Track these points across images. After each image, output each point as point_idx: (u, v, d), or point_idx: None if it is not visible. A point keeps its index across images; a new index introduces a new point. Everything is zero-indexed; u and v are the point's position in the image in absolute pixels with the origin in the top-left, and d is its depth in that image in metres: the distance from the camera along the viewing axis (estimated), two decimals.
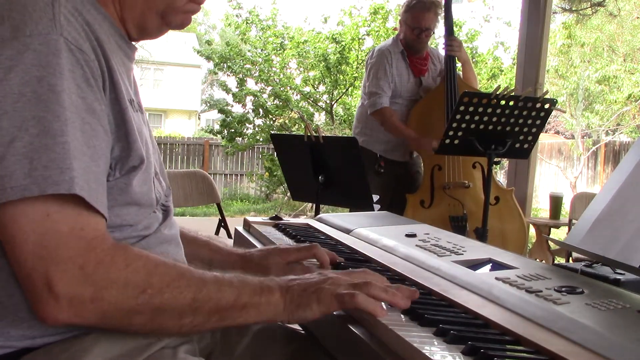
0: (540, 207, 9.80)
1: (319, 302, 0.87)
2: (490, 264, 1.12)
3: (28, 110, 0.75)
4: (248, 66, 9.31)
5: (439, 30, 3.75)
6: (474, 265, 1.11)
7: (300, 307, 0.87)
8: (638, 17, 12.99)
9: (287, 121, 9.48)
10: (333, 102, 9.28)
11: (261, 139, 9.49)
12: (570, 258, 3.36)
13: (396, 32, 3.66)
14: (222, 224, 3.18)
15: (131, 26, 0.95)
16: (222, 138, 9.81)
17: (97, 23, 0.87)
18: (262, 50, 9.31)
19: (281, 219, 1.69)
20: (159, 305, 0.80)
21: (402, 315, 0.86)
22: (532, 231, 4.49)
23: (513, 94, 2.65)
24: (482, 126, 2.64)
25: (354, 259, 1.23)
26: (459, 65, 3.54)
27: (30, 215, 0.75)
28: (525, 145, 2.77)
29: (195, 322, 0.83)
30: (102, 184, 0.82)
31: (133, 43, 1.00)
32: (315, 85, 9.43)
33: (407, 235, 1.35)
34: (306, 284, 0.89)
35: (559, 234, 5.59)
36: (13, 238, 0.75)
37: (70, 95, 0.78)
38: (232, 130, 9.48)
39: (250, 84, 9.49)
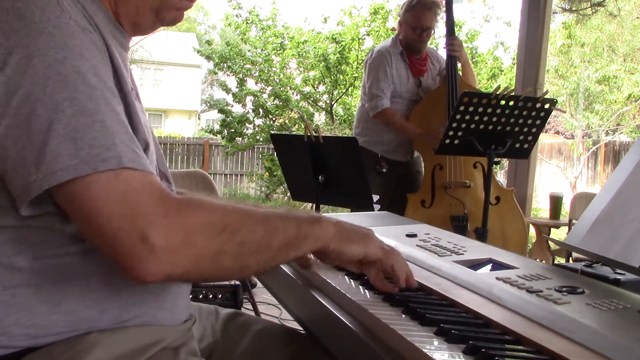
0: (540, 207, 9.80)
1: (365, 244, 0.95)
2: (491, 264, 1.12)
3: (59, 93, 0.75)
4: (248, 66, 9.30)
5: (439, 30, 3.76)
6: (475, 265, 1.11)
7: (349, 241, 0.93)
8: (638, 17, 12.99)
9: (287, 121, 9.48)
10: (333, 102, 9.28)
11: (261, 139, 9.49)
12: (570, 258, 3.37)
13: (395, 32, 3.67)
14: None
15: (125, 21, 0.95)
16: (222, 138, 9.81)
17: (92, 11, 0.88)
18: (262, 50, 9.31)
19: None
20: (240, 241, 0.81)
21: (403, 315, 0.86)
22: (532, 231, 4.49)
23: (513, 94, 2.66)
24: (482, 126, 2.64)
25: None
26: (459, 65, 3.54)
27: (102, 180, 0.75)
28: (525, 145, 2.77)
29: (270, 257, 0.85)
30: (142, 152, 0.82)
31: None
32: (315, 85, 9.43)
33: (408, 235, 1.35)
34: (354, 226, 0.96)
35: (559, 234, 5.59)
36: (90, 207, 0.74)
37: (95, 74, 0.79)
38: (232, 130, 9.47)
39: (250, 84, 9.49)
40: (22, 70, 0.75)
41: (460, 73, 3.56)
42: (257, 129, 9.53)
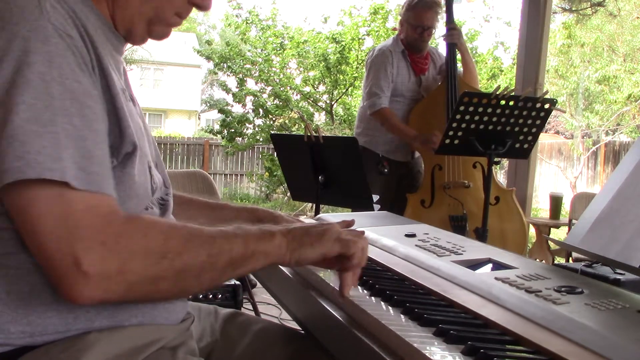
0: (540, 207, 9.80)
1: (320, 243, 0.92)
2: (490, 264, 1.12)
3: (19, 95, 0.75)
4: (248, 66, 9.31)
5: (439, 30, 3.76)
6: (474, 265, 1.11)
7: (302, 247, 0.91)
8: (638, 17, 12.99)
9: (287, 121, 9.48)
10: (333, 102, 9.28)
11: (261, 139, 9.49)
12: (570, 258, 3.37)
13: (396, 32, 3.67)
14: None
15: (120, 27, 0.95)
16: (222, 138, 9.81)
17: (83, 14, 0.87)
18: (262, 50, 9.32)
19: None
20: (180, 268, 0.81)
21: (402, 315, 0.86)
22: (532, 231, 4.49)
23: (513, 94, 2.66)
24: (482, 126, 2.64)
25: None
26: (459, 60, 3.54)
27: (46, 197, 0.75)
28: (525, 145, 2.77)
29: (212, 277, 0.85)
30: (107, 166, 0.82)
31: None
32: (315, 85, 9.43)
33: (407, 235, 1.35)
34: (307, 228, 0.94)
35: (559, 234, 5.59)
36: (32, 221, 0.75)
37: (61, 82, 0.78)
38: (232, 130, 9.48)
39: (250, 84, 9.49)
40: None
41: (461, 70, 3.56)
42: (257, 129, 9.53)
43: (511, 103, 2.62)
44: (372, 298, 0.94)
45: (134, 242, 0.79)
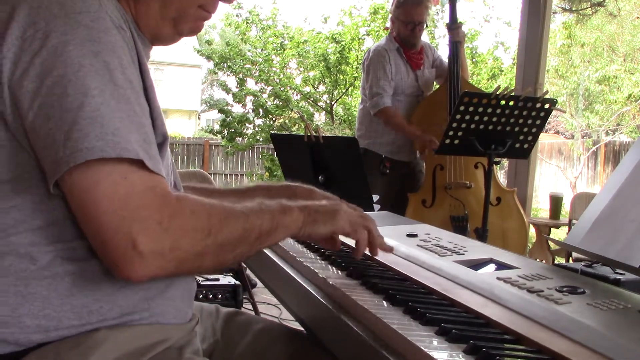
0: (540, 207, 9.80)
1: (333, 221, 1.00)
2: (492, 264, 1.13)
3: (90, 80, 0.79)
4: (248, 66, 9.31)
5: (440, 30, 3.77)
6: (475, 265, 1.11)
7: (316, 223, 0.98)
8: (638, 17, 12.99)
9: (287, 121, 9.49)
10: (333, 102, 9.28)
11: (261, 139, 9.49)
12: (570, 258, 3.37)
13: (388, 31, 3.67)
14: None
15: (145, 31, 0.97)
16: (222, 138, 9.82)
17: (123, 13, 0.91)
18: (262, 50, 9.32)
19: None
20: (221, 242, 0.86)
21: (404, 315, 0.86)
22: (532, 231, 4.50)
23: (513, 94, 2.66)
24: (482, 126, 2.64)
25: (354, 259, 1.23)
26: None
27: (112, 178, 0.78)
28: (525, 145, 2.77)
29: (244, 250, 0.90)
30: (157, 152, 0.86)
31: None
32: (315, 85, 9.44)
33: (408, 235, 1.35)
34: (320, 205, 1.01)
35: (559, 234, 5.59)
36: (96, 202, 0.78)
37: (122, 72, 0.82)
38: (232, 130, 9.48)
39: (250, 84, 9.50)
40: (58, 53, 0.78)
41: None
42: (257, 129, 9.53)
43: (511, 103, 2.62)
44: (374, 297, 0.94)
45: (185, 220, 0.82)
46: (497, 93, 2.59)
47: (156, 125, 0.89)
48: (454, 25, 3.54)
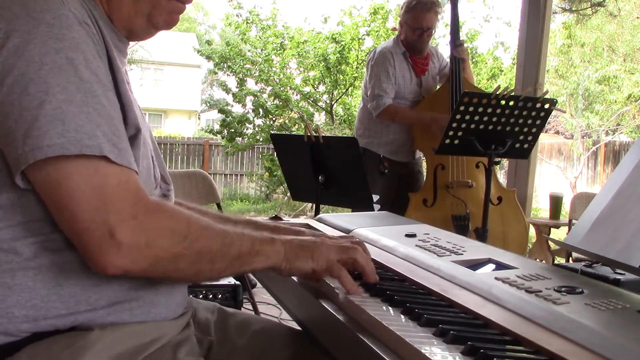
0: (540, 207, 9.79)
1: (313, 259, 0.97)
2: (490, 264, 1.12)
3: (52, 78, 0.79)
4: (248, 66, 9.31)
5: (440, 31, 3.76)
6: (474, 265, 1.11)
7: (298, 259, 0.97)
8: (638, 17, 12.99)
9: (287, 121, 9.49)
10: (333, 102, 9.28)
11: (261, 139, 9.49)
12: (570, 258, 3.36)
13: (395, 32, 3.66)
14: None
15: (119, 27, 0.97)
16: (222, 138, 9.82)
17: (92, 7, 0.91)
18: (262, 50, 9.32)
19: (281, 219, 1.70)
20: (198, 250, 0.87)
21: (402, 316, 0.86)
22: (532, 231, 4.49)
23: (513, 94, 2.66)
24: (482, 126, 2.64)
25: None
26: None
27: (83, 171, 0.79)
28: (525, 145, 2.77)
29: (222, 267, 0.90)
30: (128, 144, 0.86)
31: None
32: (315, 85, 9.43)
33: (407, 235, 1.35)
34: (302, 241, 1.00)
35: (559, 234, 5.58)
36: (68, 193, 0.79)
37: (87, 67, 0.82)
38: (232, 130, 9.48)
39: (250, 84, 9.50)
40: (19, 53, 0.79)
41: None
42: (257, 129, 9.53)
43: (511, 103, 2.62)
44: (372, 298, 0.94)
45: (162, 221, 0.84)
46: (497, 93, 2.59)
47: (128, 118, 0.89)
48: (457, 42, 3.52)
